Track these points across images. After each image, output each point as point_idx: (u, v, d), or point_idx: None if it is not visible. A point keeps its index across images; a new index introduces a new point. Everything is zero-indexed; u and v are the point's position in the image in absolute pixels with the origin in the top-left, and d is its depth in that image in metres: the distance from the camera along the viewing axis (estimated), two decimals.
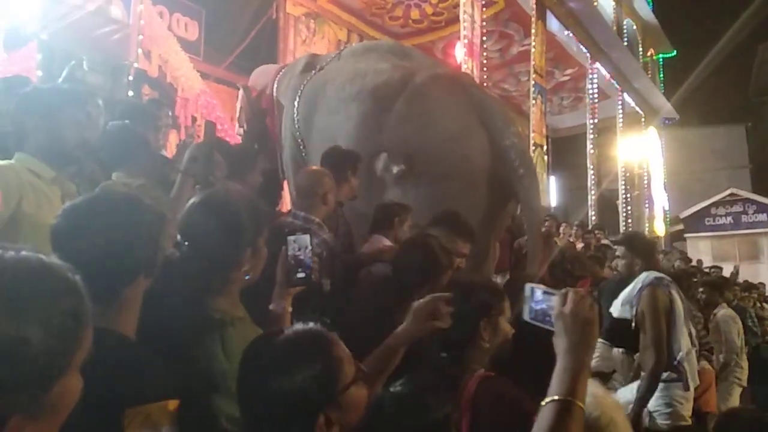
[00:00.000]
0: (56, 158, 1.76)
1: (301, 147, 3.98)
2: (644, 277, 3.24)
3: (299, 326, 1.15)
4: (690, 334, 3.21)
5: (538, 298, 1.27)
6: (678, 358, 3.06)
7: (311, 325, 1.16)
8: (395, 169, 3.23)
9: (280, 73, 4.51)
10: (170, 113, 4.06)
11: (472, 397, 1.53)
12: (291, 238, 1.63)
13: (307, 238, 1.64)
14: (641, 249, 3.39)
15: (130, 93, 4.95)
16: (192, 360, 1.38)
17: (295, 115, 4.01)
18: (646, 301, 3.12)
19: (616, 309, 3.35)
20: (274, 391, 1.04)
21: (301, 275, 1.61)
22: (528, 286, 1.30)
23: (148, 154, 2.43)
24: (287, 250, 1.61)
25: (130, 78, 4.99)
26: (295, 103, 4.01)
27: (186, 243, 1.50)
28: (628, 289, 3.32)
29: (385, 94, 3.45)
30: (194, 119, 6.77)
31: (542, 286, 1.28)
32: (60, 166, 1.77)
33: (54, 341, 0.61)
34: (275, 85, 4.47)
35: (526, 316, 1.29)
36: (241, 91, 4.58)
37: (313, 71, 4.13)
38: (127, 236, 1.20)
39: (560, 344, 1.15)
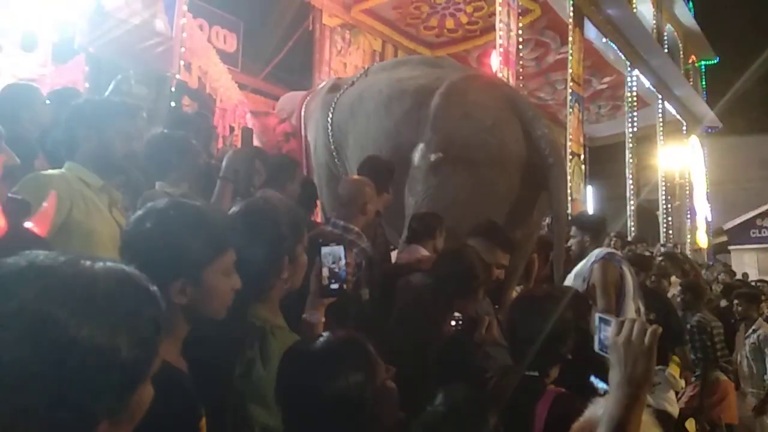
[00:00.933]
0: (105, 168, 1.81)
1: (334, 155, 4.08)
2: (597, 252, 3.35)
3: (335, 333, 1.16)
4: (638, 310, 3.30)
5: (600, 326, 1.20)
6: None
7: (346, 332, 1.17)
8: (432, 157, 3.31)
9: (308, 98, 4.75)
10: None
11: (547, 414, 1.51)
12: (325, 249, 1.62)
13: (341, 249, 1.63)
14: (589, 226, 3.56)
15: (172, 104, 5.07)
16: (230, 367, 1.39)
17: (329, 128, 4.12)
18: (597, 274, 3.24)
19: (569, 282, 3.42)
20: (315, 397, 1.04)
21: (334, 286, 1.60)
22: (596, 316, 1.22)
23: (191, 163, 2.47)
24: (321, 261, 1.61)
25: (173, 89, 5.11)
26: (329, 117, 4.14)
27: None
28: (581, 264, 3.42)
29: (422, 93, 3.58)
30: (232, 129, 6.90)
31: (605, 314, 1.20)
32: (108, 175, 1.83)
33: (139, 349, 0.63)
34: (303, 109, 4.68)
35: (596, 347, 1.21)
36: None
37: (343, 88, 4.27)
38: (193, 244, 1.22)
39: (613, 376, 1.07)
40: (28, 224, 1.02)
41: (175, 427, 1.04)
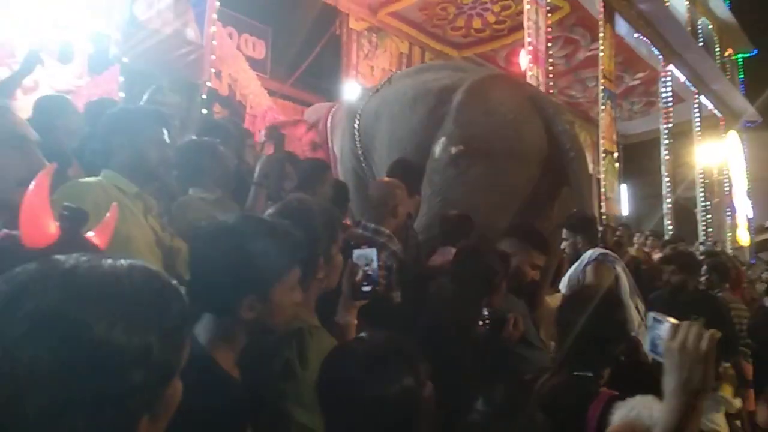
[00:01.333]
0: (139, 175, 1.84)
1: (362, 159, 4.15)
2: (590, 253, 3.31)
3: (379, 335, 1.14)
4: (637, 308, 3.21)
5: (652, 325, 1.13)
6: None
7: (388, 334, 1.15)
8: (453, 150, 3.40)
9: (333, 108, 4.94)
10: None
11: (599, 418, 1.47)
12: (357, 252, 1.62)
13: (373, 252, 1.63)
14: (580, 226, 3.47)
15: (204, 111, 5.15)
16: (268, 367, 1.39)
17: (356, 134, 4.23)
18: (591, 276, 3.17)
19: (564, 286, 3.36)
20: (362, 401, 1.03)
21: (366, 289, 1.60)
22: (650, 315, 1.17)
23: (222, 169, 2.50)
24: (353, 264, 1.61)
25: (203, 97, 5.19)
26: (356, 123, 4.25)
27: None
28: (575, 266, 3.36)
29: (446, 91, 3.69)
30: (262, 135, 6.97)
31: (659, 314, 1.14)
32: (142, 182, 1.85)
33: (169, 344, 0.65)
34: (329, 120, 4.83)
35: (647, 348, 1.16)
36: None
37: (368, 96, 4.40)
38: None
39: (668, 383, 1.02)
40: (89, 234, 1.03)
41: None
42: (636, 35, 10.35)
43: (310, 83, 9.28)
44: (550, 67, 8.17)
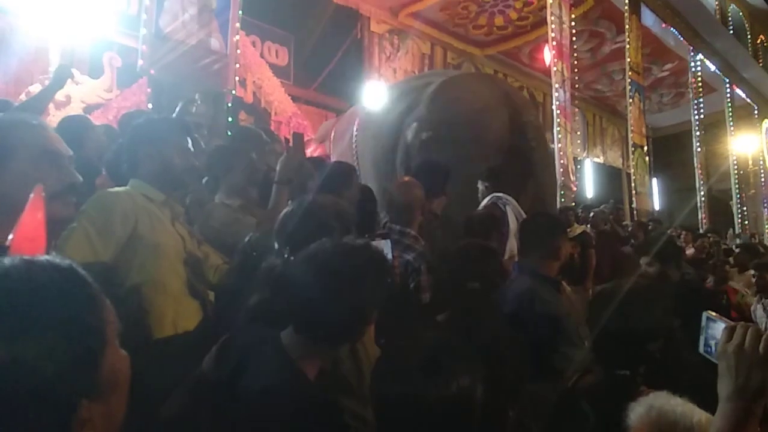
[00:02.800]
0: (166, 183, 1.86)
1: (356, 163, 4.51)
2: (487, 198, 3.46)
3: (430, 334, 1.15)
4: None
5: (706, 324, 1.09)
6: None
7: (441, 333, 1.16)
8: (424, 135, 3.66)
9: (337, 122, 5.40)
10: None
11: None
12: (372, 243, 1.62)
13: (387, 243, 1.63)
14: (486, 175, 3.58)
15: (230, 119, 5.23)
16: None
17: (353, 140, 4.61)
18: None
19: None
20: (421, 403, 1.02)
21: None
22: (703, 315, 1.12)
23: (248, 174, 2.52)
24: None
25: (229, 105, 5.26)
26: (354, 130, 4.67)
27: (287, 250, 1.54)
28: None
29: (424, 85, 3.96)
30: (287, 141, 7.04)
31: (713, 314, 1.09)
32: (169, 189, 1.88)
33: (87, 323, 0.65)
34: (333, 133, 5.26)
35: (700, 348, 1.11)
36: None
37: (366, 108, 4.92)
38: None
39: (722, 387, 0.97)
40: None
41: None
42: (663, 26, 10.14)
43: (333, 88, 9.33)
44: (575, 62, 8.06)
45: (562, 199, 6.63)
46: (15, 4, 5.03)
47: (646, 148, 9.27)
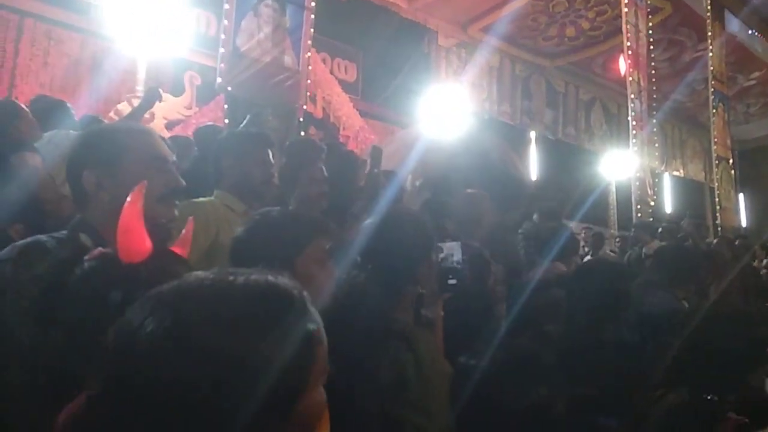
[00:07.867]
0: (246, 194, 1.93)
1: None
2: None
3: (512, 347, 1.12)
4: None
5: None
6: None
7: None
8: (417, 183, 3.84)
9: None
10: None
11: None
12: (442, 245, 1.66)
13: (458, 245, 1.66)
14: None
15: (302, 134, 5.37)
16: (373, 372, 1.39)
17: None
18: None
19: None
20: (498, 411, 0.99)
21: (452, 281, 1.62)
22: None
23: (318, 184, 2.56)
24: (438, 258, 1.63)
25: (300, 120, 5.41)
26: None
27: (367, 262, 1.54)
28: None
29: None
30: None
31: None
32: (249, 200, 1.94)
33: (291, 357, 0.60)
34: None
35: None
36: None
37: None
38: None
39: None
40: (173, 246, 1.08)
41: None
42: (750, 32, 9.58)
43: (400, 102, 9.40)
44: (653, 72, 7.74)
45: (639, 214, 6.35)
46: (110, 30, 5.40)
47: (731, 160, 8.75)
